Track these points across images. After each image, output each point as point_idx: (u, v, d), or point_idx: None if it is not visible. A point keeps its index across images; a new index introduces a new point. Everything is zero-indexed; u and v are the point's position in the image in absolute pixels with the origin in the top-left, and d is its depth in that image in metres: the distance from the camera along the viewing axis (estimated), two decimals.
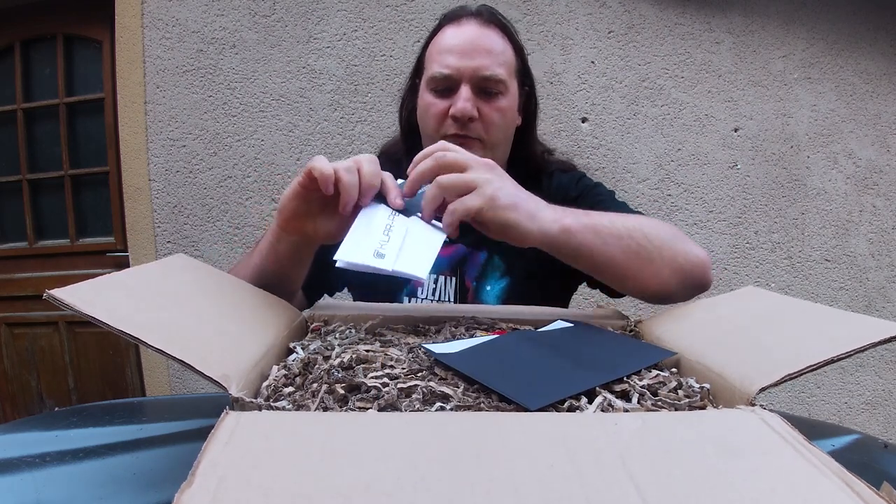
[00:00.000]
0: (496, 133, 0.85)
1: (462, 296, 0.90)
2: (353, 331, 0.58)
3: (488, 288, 0.91)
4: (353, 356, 0.47)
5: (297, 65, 1.98)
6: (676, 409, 0.41)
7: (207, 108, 1.99)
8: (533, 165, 0.96)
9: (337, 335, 0.57)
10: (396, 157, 0.95)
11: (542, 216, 0.62)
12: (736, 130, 2.05)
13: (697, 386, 0.44)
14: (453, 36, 0.84)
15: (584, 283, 0.93)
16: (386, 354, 0.48)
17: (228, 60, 1.98)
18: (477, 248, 0.91)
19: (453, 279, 0.90)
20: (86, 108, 2.19)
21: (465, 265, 0.91)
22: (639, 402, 0.42)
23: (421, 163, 0.60)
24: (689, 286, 0.70)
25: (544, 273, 0.90)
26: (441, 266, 0.91)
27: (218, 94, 1.99)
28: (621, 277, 0.67)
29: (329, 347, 0.51)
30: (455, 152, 0.60)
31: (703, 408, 0.42)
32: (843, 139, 2.08)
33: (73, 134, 2.21)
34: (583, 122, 2.02)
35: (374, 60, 1.99)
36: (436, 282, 0.90)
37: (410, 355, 0.49)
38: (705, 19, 2.02)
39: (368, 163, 0.60)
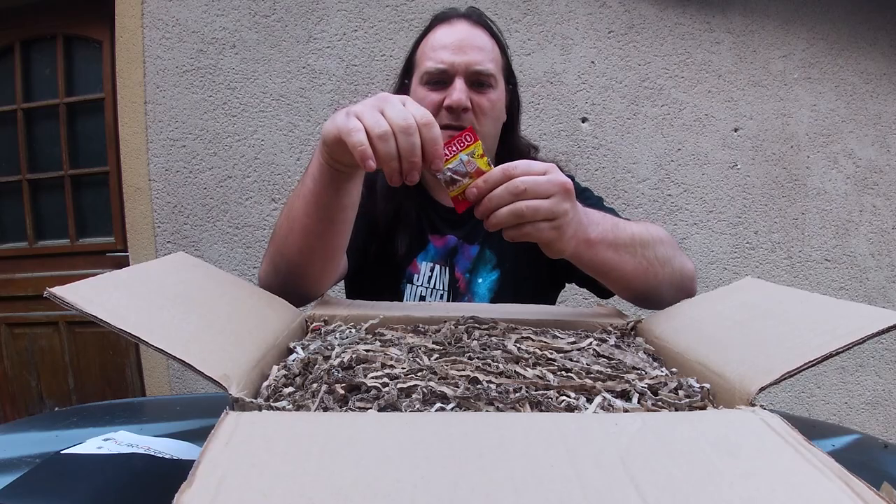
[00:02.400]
0: (487, 123, 0.90)
1: (453, 287, 0.93)
2: (353, 331, 0.58)
3: (480, 280, 0.94)
4: (353, 356, 0.47)
5: (297, 65, 1.98)
6: (676, 410, 0.41)
7: (207, 108, 1.99)
8: None
9: (337, 335, 0.57)
10: None
11: (579, 233, 0.63)
12: (736, 130, 2.05)
13: (697, 386, 0.45)
14: (446, 34, 0.89)
15: (574, 283, 0.97)
16: (386, 354, 0.48)
17: (228, 60, 1.98)
18: (469, 242, 0.94)
19: (446, 269, 0.93)
20: (86, 108, 2.19)
21: (455, 256, 0.94)
22: (639, 402, 0.42)
23: (502, 188, 0.57)
24: (679, 297, 0.75)
25: (534, 267, 0.94)
26: (436, 256, 0.94)
27: (218, 94, 1.99)
28: (626, 287, 0.73)
29: (329, 347, 0.51)
30: (535, 176, 0.57)
31: (703, 408, 0.42)
32: (843, 139, 2.08)
33: (73, 134, 2.21)
34: (583, 122, 2.02)
35: (374, 60, 1.98)
36: (432, 270, 0.93)
37: (410, 355, 0.49)
38: (705, 19, 2.02)
39: (404, 133, 0.53)
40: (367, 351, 0.49)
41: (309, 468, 0.27)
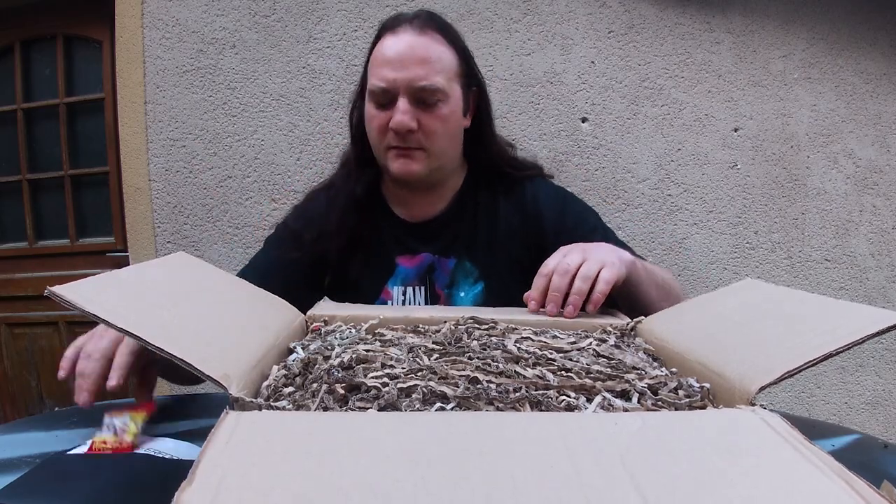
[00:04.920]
0: (438, 141, 0.84)
1: (433, 304, 0.89)
2: (353, 331, 0.58)
3: (462, 294, 0.89)
4: (354, 356, 0.47)
5: (297, 65, 1.98)
6: (676, 409, 0.41)
7: (207, 108, 1.99)
8: (503, 167, 0.94)
9: (337, 335, 0.57)
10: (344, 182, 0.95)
11: (622, 255, 0.73)
12: (736, 130, 2.05)
13: (697, 386, 0.44)
14: (390, 46, 0.83)
15: None
16: (386, 354, 0.48)
17: (228, 60, 1.98)
18: (444, 255, 0.90)
19: (422, 288, 0.89)
20: (86, 108, 2.19)
21: (433, 273, 0.90)
22: (639, 402, 0.42)
23: (552, 287, 0.67)
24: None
25: (519, 275, 0.89)
26: (408, 277, 0.89)
27: (218, 94, 1.99)
28: (642, 310, 0.76)
29: (329, 347, 0.51)
30: (563, 265, 0.68)
31: (703, 407, 0.42)
32: (843, 139, 2.08)
33: (73, 134, 2.21)
34: (583, 122, 2.02)
35: None
36: (404, 293, 0.89)
37: (410, 355, 0.49)
38: (705, 19, 2.02)
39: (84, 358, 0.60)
40: (368, 351, 0.49)
41: (309, 468, 0.27)
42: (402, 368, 0.45)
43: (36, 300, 2.15)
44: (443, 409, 0.39)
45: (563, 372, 0.46)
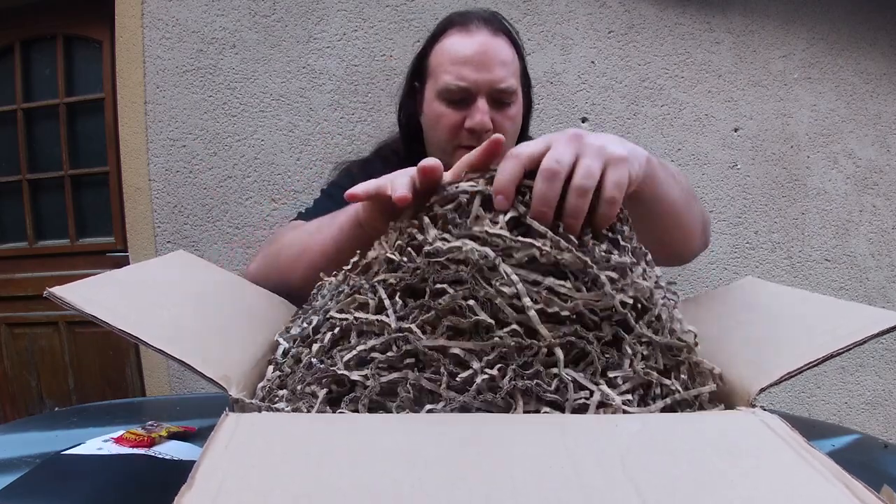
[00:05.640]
0: (507, 142, 0.85)
1: None
2: (333, 279, 0.53)
3: None
4: (330, 332, 0.43)
5: (297, 65, 1.98)
6: (679, 390, 0.41)
7: (207, 108, 1.99)
8: None
9: (319, 296, 0.52)
10: (391, 156, 0.96)
11: (634, 146, 0.51)
12: (736, 130, 2.05)
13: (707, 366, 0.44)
14: (466, 45, 0.82)
15: None
16: (358, 319, 0.43)
17: (228, 60, 1.98)
18: None
19: None
20: (86, 108, 2.19)
21: None
22: (630, 367, 0.41)
23: (536, 195, 0.42)
24: (703, 245, 0.70)
25: None
26: None
27: (218, 94, 1.99)
28: (673, 226, 0.61)
29: (308, 322, 0.48)
30: (550, 165, 0.43)
31: (703, 409, 0.42)
32: (843, 139, 2.08)
33: (73, 134, 2.21)
34: (583, 122, 2.02)
35: (374, 60, 1.98)
36: None
37: (385, 318, 0.42)
38: (705, 19, 2.02)
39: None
40: (342, 319, 0.44)
41: (308, 468, 0.27)
42: (380, 340, 0.40)
43: (36, 300, 2.15)
44: (433, 411, 0.39)
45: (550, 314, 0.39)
